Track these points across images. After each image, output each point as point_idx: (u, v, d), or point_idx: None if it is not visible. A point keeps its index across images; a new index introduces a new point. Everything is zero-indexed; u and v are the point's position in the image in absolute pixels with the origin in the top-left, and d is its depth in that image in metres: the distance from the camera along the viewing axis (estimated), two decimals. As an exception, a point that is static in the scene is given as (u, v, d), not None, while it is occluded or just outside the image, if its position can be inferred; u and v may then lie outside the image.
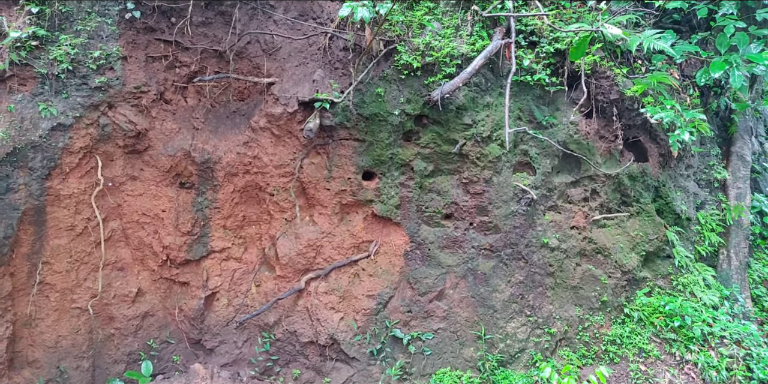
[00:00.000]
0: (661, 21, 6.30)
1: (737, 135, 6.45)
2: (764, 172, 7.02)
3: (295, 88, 4.95)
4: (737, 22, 5.38)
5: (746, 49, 5.32)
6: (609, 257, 5.60)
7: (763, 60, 5.17)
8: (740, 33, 5.31)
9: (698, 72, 5.57)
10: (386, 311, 5.09)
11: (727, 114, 6.46)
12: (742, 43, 5.31)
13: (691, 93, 6.01)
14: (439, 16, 5.29)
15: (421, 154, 5.18)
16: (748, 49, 5.35)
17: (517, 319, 5.23)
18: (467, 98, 5.12)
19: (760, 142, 7.26)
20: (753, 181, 6.82)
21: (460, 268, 5.23)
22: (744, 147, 6.42)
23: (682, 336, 5.36)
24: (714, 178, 6.34)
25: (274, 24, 5.06)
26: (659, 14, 6.14)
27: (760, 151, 7.18)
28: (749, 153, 6.43)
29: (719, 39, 5.40)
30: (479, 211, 5.28)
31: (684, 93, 5.98)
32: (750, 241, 6.36)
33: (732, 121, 6.46)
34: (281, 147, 4.96)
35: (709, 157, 6.35)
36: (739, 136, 6.46)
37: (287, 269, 5.02)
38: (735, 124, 6.44)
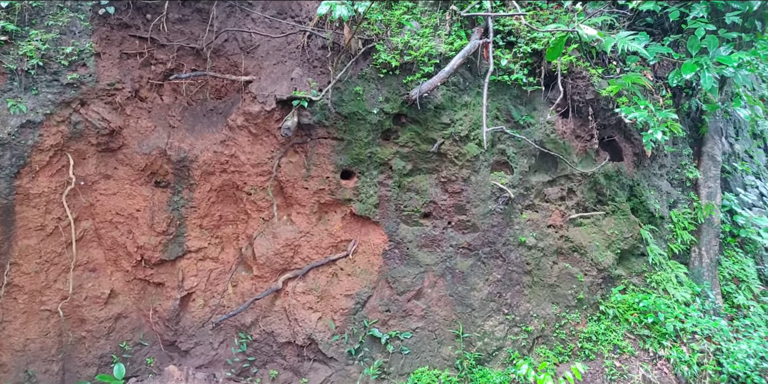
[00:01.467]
0: (634, 23, 6.45)
1: (708, 135, 6.64)
2: (734, 172, 7.24)
3: (273, 86, 4.94)
4: (707, 25, 5.54)
5: (716, 52, 5.49)
6: (585, 255, 5.71)
7: (732, 62, 5.35)
8: (710, 36, 5.47)
9: (671, 73, 5.73)
10: (364, 311, 5.11)
11: (699, 115, 6.64)
12: (712, 45, 5.47)
13: (663, 94, 6.17)
14: (418, 16, 5.34)
15: (400, 153, 5.22)
16: (718, 51, 5.52)
17: (495, 317, 5.30)
18: (445, 97, 5.17)
19: (730, 143, 7.48)
20: (723, 180, 7.02)
21: (438, 266, 5.28)
22: (715, 147, 6.61)
23: (656, 332, 5.50)
24: (686, 178, 6.51)
25: (252, 22, 5.05)
26: (633, 16, 6.29)
27: (730, 152, 7.40)
28: (719, 153, 6.62)
29: (690, 41, 5.57)
30: (457, 209, 5.34)
31: (657, 94, 6.13)
32: (720, 239, 6.55)
33: (703, 121, 6.65)
34: (259, 145, 4.95)
35: (682, 157, 6.53)
36: (710, 137, 6.65)
37: (264, 269, 5.00)
38: (706, 125, 6.63)
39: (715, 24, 5.67)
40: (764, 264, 6.94)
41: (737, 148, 7.59)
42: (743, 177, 7.34)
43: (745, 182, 7.33)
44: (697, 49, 5.53)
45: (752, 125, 8.05)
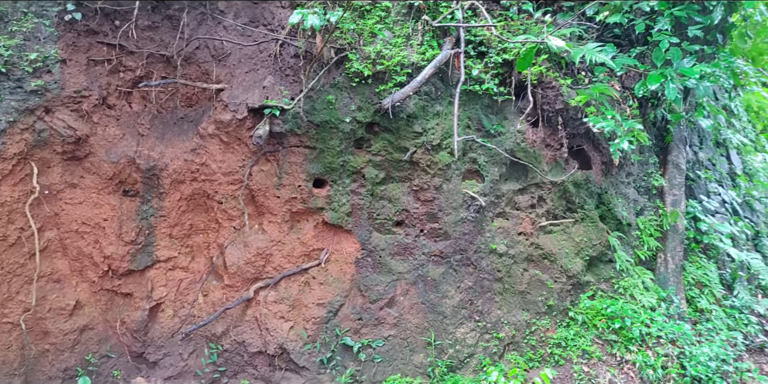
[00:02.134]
0: (603, 34, 6.60)
1: (673, 144, 6.81)
2: (698, 180, 7.45)
3: (244, 94, 4.91)
4: (671, 38, 5.70)
5: (680, 64, 5.66)
6: (555, 262, 5.80)
7: (694, 74, 5.51)
8: (674, 48, 5.63)
9: (637, 84, 5.87)
10: (337, 319, 5.10)
11: (664, 124, 6.82)
12: (675, 57, 5.63)
13: (630, 104, 6.31)
14: (390, 25, 5.37)
15: (373, 161, 5.23)
16: (682, 63, 5.68)
17: (467, 324, 5.34)
18: (418, 107, 5.21)
19: (694, 151, 7.69)
20: (688, 188, 7.22)
21: (410, 274, 5.31)
22: (679, 156, 6.79)
23: (623, 337, 5.61)
24: (652, 185, 6.67)
25: (224, 29, 5.01)
26: (601, 28, 6.43)
27: (695, 160, 7.61)
28: (684, 161, 6.80)
29: (655, 53, 5.72)
30: (430, 218, 5.37)
31: (624, 104, 6.27)
32: (685, 245, 6.73)
33: (668, 131, 6.82)
34: (230, 154, 4.91)
35: (648, 166, 6.69)
36: (675, 146, 6.82)
37: (236, 278, 4.96)
38: (671, 134, 6.81)
39: (679, 37, 5.84)
40: (726, 269, 7.15)
41: (701, 157, 7.81)
42: (707, 184, 7.56)
43: (709, 189, 7.54)
44: (661, 61, 5.68)
45: (715, 134, 8.30)
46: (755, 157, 8.93)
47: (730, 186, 8.04)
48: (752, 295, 7.10)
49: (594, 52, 5.19)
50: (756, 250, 7.92)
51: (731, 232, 7.08)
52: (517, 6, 5.95)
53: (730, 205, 7.62)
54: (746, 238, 7.67)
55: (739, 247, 7.40)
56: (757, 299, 7.01)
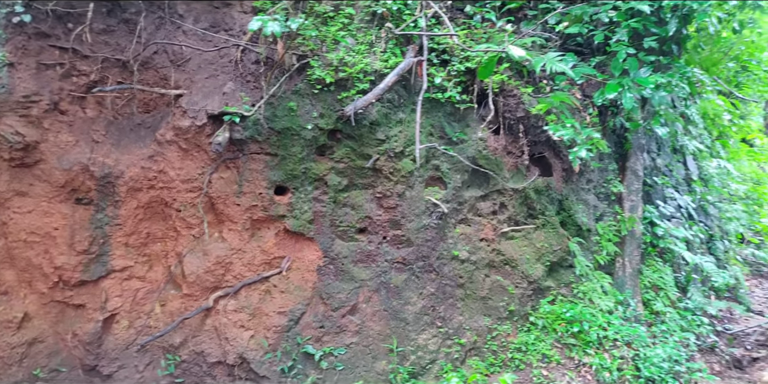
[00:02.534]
0: (566, 43, 6.71)
1: (631, 151, 6.97)
2: (655, 186, 7.64)
3: (204, 100, 4.84)
4: (628, 49, 5.83)
5: (637, 73, 5.79)
6: (516, 268, 5.88)
7: (649, 83, 5.65)
8: (631, 58, 5.76)
9: (596, 93, 5.98)
10: (298, 327, 5.07)
11: (623, 132, 6.97)
12: (632, 67, 5.76)
13: (590, 112, 6.44)
14: (354, 32, 5.36)
15: (335, 168, 5.21)
16: (639, 73, 5.82)
17: (429, 330, 5.37)
18: (380, 114, 5.21)
19: (652, 158, 7.89)
20: (646, 193, 7.39)
21: (373, 281, 5.31)
22: (637, 163, 6.95)
23: (581, 340, 5.72)
24: (611, 192, 6.82)
25: (183, 34, 4.92)
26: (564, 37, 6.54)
27: (652, 166, 7.80)
28: (641, 168, 6.97)
29: (613, 63, 5.84)
30: (392, 225, 5.38)
31: (584, 112, 6.39)
32: (642, 250, 6.89)
33: (627, 138, 6.98)
34: (189, 161, 4.83)
35: (607, 172, 6.83)
36: (633, 153, 6.98)
37: (195, 287, 4.88)
38: (629, 142, 6.96)
39: (636, 47, 5.98)
40: (681, 272, 7.36)
41: (659, 163, 8.02)
42: (663, 190, 7.76)
43: (665, 195, 7.74)
44: (619, 71, 5.80)
45: (673, 141, 8.53)
46: (710, 162, 9.21)
47: (686, 191, 8.27)
48: (705, 297, 7.33)
49: (554, 62, 5.26)
50: (710, 253, 8.18)
51: (686, 236, 7.28)
52: (481, 15, 6.01)
53: (686, 209, 7.84)
54: (700, 242, 7.91)
55: (693, 251, 7.62)
56: (709, 301, 7.24)
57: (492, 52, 4.94)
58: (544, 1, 6.60)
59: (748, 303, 8.18)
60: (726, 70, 9.03)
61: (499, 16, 6.11)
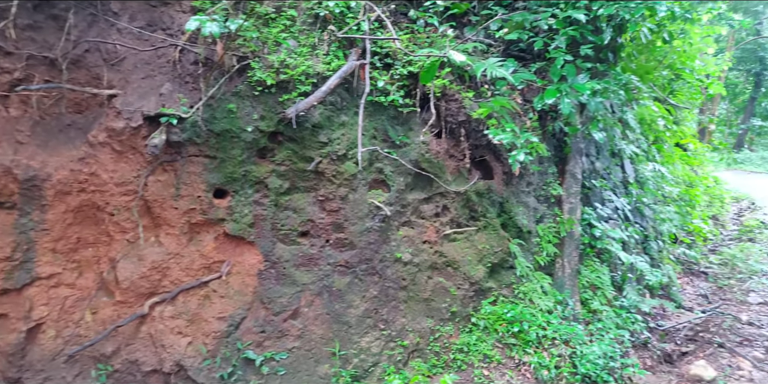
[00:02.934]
0: (508, 49, 6.90)
1: (570, 155, 7.23)
2: (594, 188, 7.95)
3: (140, 101, 4.72)
4: (567, 55, 6.04)
5: (574, 80, 6.01)
6: (458, 269, 6.00)
7: (586, 89, 5.87)
8: (569, 65, 5.97)
9: (536, 98, 6.18)
10: (238, 333, 5.01)
11: (562, 136, 7.22)
12: (570, 73, 5.98)
13: (531, 116, 6.64)
14: (296, 35, 5.35)
15: (277, 171, 5.19)
16: (576, 79, 6.04)
17: (372, 333, 5.41)
18: (323, 117, 5.22)
19: (591, 161, 8.20)
20: (584, 196, 7.68)
21: (315, 285, 5.31)
22: (576, 166, 7.21)
23: (521, 340, 5.89)
24: (551, 194, 7.05)
25: (117, 32, 4.79)
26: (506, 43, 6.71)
27: (591, 169, 8.11)
28: (580, 171, 7.23)
29: (552, 69, 6.04)
30: (335, 228, 5.40)
31: (525, 116, 6.59)
32: (580, 251, 7.16)
33: (566, 142, 7.23)
34: (123, 163, 4.70)
35: (547, 175, 7.06)
36: (572, 157, 7.24)
37: (129, 294, 4.75)
38: (568, 146, 7.22)
39: (574, 55, 6.20)
40: (617, 271, 7.68)
41: (597, 166, 8.35)
42: (601, 192, 8.08)
43: (603, 197, 8.07)
44: (558, 77, 6.00)
45: (611, 145, 8.89)
46: (646, 166, 9.65)
47: (623, 194, 8.64)
48: (640, 295, 7.68)
49: (495, 67, 5.39)
50: (644, 253, 8.57)
51: (622, 237, 7.61)
52: (424, 19, 6.10)
53: (622, 211, 8.19)
54: (635, 242, 8.28)
55: (629, 251, 7.97)
56: (643, 299, 7.58)
57: (434, 57, 5.02)
58: (487, 8, 6.77)
59: (680, 300, 8.61)
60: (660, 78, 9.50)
61: (442, 21, 6.22)
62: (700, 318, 7.96)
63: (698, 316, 8.02)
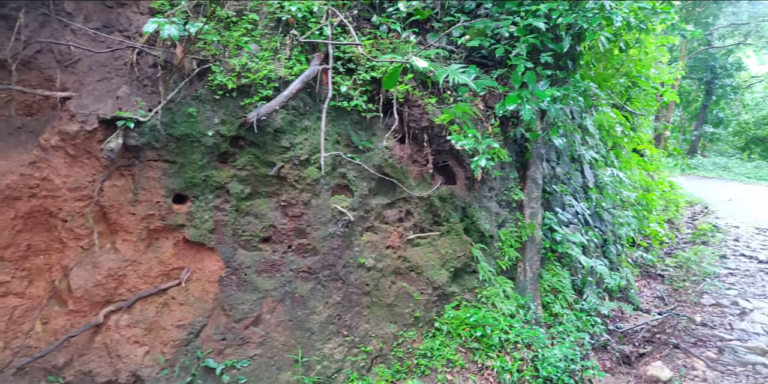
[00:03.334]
0: (470, 55, 7.05)
1: (531, 161, 7.41)
2: (555, 193, 8.16)
3: (95, 104, 4.64)
4: (527, 63, 6.22)
5: (535, 86, 6.19)
6: (421, 274, 6.07)
7: (546, 96, 6.05)
8: (529, 72, 6.15)
9: (498, 104, 6.33)
10: (198, 341, 4.96)
11: (523, 142, 7.40)
12: (531, 80, 6.15)
13: (492, 122, 6.79)
14: (258, 38, 5.35)
15: (238, 176, 5.16)
16: (537, 86, 6.22)
17: (335, 339, 5.42)
18: (285, 121, 5.23)
19: (552, 167, 8.42)
20: (545, 201, 7.88)
21: (277, 291, 5.29)
22: (537, 171, 7.40)
23: (484, 344, 5.99)
24: (512, 199, 7.21)
25: (71, 33, 4.70)
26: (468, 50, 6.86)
27: (552, 175, 8.33)
28: (541, 176, 7.42)
29: (513, 76, 6.21)
30: (298, 233, 5.40)
31: (487, 122, 6.73)
32: (542, 255, 7.33)
33: (527, 148, 7.41)
34: (77, 168, 4.61)
35: (509, 181, 7.22)
36: (533, 162, 7.43)
37: (82, 303, 4.65)
38: (529, 151, 7.40)
39: (534, 62, 6.38)
40: (577, 275, 7.89)
41: (558, 171, 8.58)
42: (562, 197, 8.30)
43: (564, 202, 8.29)
44: (519, 83, 6.17)
45: (571, 150, 9.16)
46: (605, 171, 9.96)
47: (582, 198, 8.90)
48: (599, 298, 7.90)
49: (457, 73, 5.50)
50: (604, 257, 8.83)
51: (582, 241, 7.84)
52: (387, 25, 6.19)
53: (582, 216, 8.43)
54: (595, 246, 8.53)
55: (589, 255, 8.21)
56: (602, 302, 7.81)
57: (397, 63, 5.10)
58: (449, 14, 6.91)
59: (638, 302, 8.90)
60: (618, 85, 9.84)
61: (404, 27, 6.32)
62: (657, 320, 8.24)
63: (655, 318, 8.31)
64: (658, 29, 8.55)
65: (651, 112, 12.44)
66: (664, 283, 10.37)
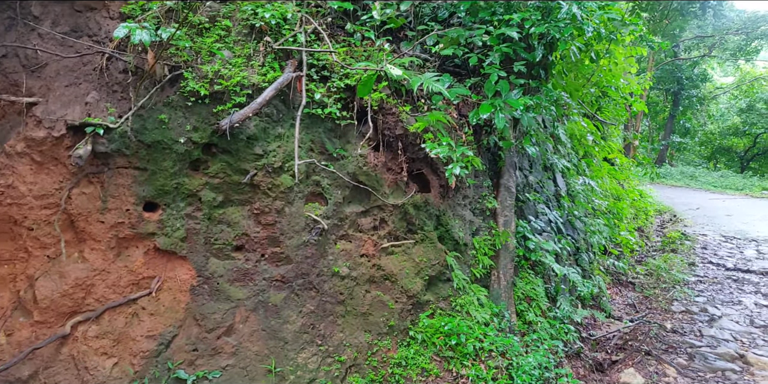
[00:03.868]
0: (444, 64, 7.21)
1: (504, 169, 7.59)
2: (528, 201, 8.35)
3: (63, 110, 4.62)
4: (500, 72, 6.39)
5: (508, 95, 6.36)
6: (396, 283, 6.14)
7: (519, 105, 6.23)
8: (503, 81, 6.32)
9: (471, 112, 6.48)
10: (169, 352, 4.92)
11: (497, 150, 7.58)
12: (504, 89, 6.32)
13: (466, 131, 6.94)
14: (231, 45, 5.39)
15: (210, 184, 5.18)
16: (510, 95, 6.40)
17: (308, 349, 5.44)
18: (258, 128, 5.27)
19: (525, 175, 8.62)
20: (519, 209, 8.06)
21: (250, 301, 5.30)
22: (510, 179, 7.57)
23: (458, 353, 6.07)
24: (486, 207, 7.35)
25: (39, 38, 4.68)
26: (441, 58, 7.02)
27: (525, 183, 8.52)
28: (514, 185, 7.60)
29: (486, 85, 6.37)
30: (271, 242, 5.43)
31: (460, 130, 6.88)
32: (515, 263, 7.48)
33: (500, 156, 7.59)
34: (44, 175, 4.57)
35: (482, 189, 7.37)
36: (506, 170, 7.61)
37: (49, 313, 4.58)
38: (503, 160, 7.58)
39: (507, 71, 6.57)
40: (551, 283, 8.07)
41: (531, 180, 8.78)
42: (535, 206, 8.50)
43: (537, 210, 8.48)
44: (492, 92, 6.33)
45: (543, 159, 9.39)
46: (577, 180, 10.23)
47: (555, 207, 9.12)
48: (572, 306, 8.09)
49: (431, 82, 5.64)
50: (576, 265, 9.05)
51: (555, 249, 8.02)
52: (361, 33, 6.30)
53: (555, 224, 8.63)
54: (568, 254, 8.74)
55: (561, 263, 8.40)
56: (575, 309, 7.99)
57: (371, 71, 5.20)
58: (423, 23, 7.07)
59: (610, 310, 9.12)
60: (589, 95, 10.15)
61: (378, 35, 6.44)
62: (629, 327, 8.47)
63: (627, 325, 8.53)
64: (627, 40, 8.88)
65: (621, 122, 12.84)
66: (635, 290, 10.65)
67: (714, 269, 12.27)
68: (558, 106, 8.35)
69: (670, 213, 19.25)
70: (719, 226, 17.24)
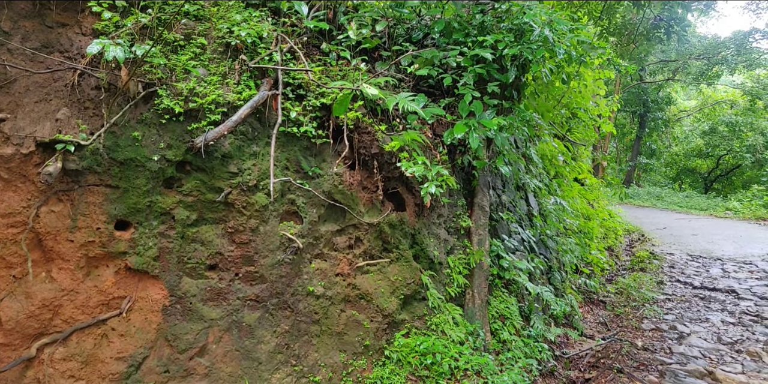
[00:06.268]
0: (418, 84, 7.38)
1: (478, 188, 7.74)
2: (501, 220, 8.49)
3: (32, 126, 4.58)
4: (474, 92, 6.57)
5: (482, 115, 6.53)
6: (371, 302, 6.16)
7: (493, 125, 6.39)
8: (476, 101, 6.50)
9: (446, 132, 6.62)
10: (139, 374, 4.83)
11: (471, 169, 7.73)
12: (478, 109, 6.49)
13: (441, 150, 7.08)
14: (206, 63, 5.44)
15: (184, 202, 5.16)
16: (484, 115, 6.57)
17: (283, 369, 5.40)
18: (233, 146, 5.30)
19: (498, 194, 8.78)
20: (492, 228, 8.19)
21: (224, 321, 5.25)
22: (483, 199, 7.71)
23: (434, 372, 6.10)
24: (460, 226, 7.46)
25: (8, 53, 4.65)
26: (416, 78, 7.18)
27: (498, 202, 8.68)
28: (488, 204, 7.74)
29: (461, 105, 6.54)
30: (245, 261, 5.41)
31: (435, 150, 7.01)
32: (489, 281, 7.58)
33: (474, 176, 7.74)
34: (11, 193, 4.50)
35: (457, 208, 7.49)
36: (480, 189, 7.75)
37: (14, 335, 4.47)
38: (477, 179, 7.72)
39: (481, 91, 6.76)
40: (524, 302, 8.17)
41: (504, 199, 8.95)
42: (508, 225, 8.65)
43: (510, 229, 8.63)
44: (466, 112, 6.49)
45: (516, 179, 9.59)
46: (549, 199, 10.45)
47: (528, 226, 9.29)
48: (546, 324, 8.20)
49: (407, 101, 5.76)
50: (549, 283, 9.20)
51: (528, 268, 8.16)
52: (336, 52, 6.42)
53: (528, 243, 8.79)
54: (540, 273, 8.88)
55: (535, 282, 8.54)
56: (548, 328, 8.11)
57: (347, 90, 5.30)
58: (397, 44, 7.24)
59: (582, 328, 9.27)
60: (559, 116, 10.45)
61: (354, 54, 6.58)
62: (601, 345, 8.61)
63: (599, 344, 8.67)
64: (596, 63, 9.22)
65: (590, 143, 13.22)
66: (606, 308, 10.85)
67: (682, 287, 12.60)
68: (530, 127, 8.58)
69: (638, 232, 19.73)
70: (686, 245, 17.74)
